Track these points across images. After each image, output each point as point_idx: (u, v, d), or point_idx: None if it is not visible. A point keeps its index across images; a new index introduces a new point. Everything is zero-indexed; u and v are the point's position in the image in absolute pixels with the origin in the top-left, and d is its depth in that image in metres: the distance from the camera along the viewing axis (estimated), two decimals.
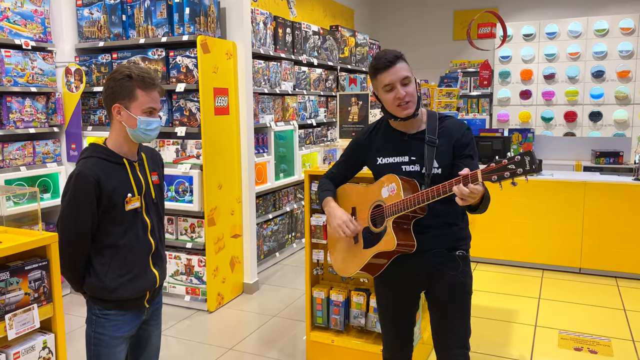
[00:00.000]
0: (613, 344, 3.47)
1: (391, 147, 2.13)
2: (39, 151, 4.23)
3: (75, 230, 1.87)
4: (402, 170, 2.08)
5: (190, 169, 4.06)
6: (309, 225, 3.25)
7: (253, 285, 4.54)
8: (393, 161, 2.11)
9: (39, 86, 4.17)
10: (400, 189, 1.97)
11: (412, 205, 1.93)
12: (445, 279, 2.10)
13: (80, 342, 3.50)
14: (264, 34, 5.01)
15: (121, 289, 1.93)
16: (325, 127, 6.38)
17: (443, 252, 2.08)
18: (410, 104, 2.01)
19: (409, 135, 2.11)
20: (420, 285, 2.20)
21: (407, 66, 2.03)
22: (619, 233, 4.69)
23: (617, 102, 7.62)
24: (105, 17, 4.30)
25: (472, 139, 2.09)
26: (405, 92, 1.99)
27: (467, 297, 2.16)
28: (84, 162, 1.90)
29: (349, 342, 3.17)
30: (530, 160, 1.66)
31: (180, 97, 4.09)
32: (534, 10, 8.52)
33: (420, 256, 2.07)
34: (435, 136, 2.06)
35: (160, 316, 2.20)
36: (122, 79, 1.89)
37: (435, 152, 2.04)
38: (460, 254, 2.09)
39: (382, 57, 2.01)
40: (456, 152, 2.06)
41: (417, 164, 2.06)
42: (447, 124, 2.10)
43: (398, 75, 1.98)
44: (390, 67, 1.98)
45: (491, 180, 1.73)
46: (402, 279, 2.17)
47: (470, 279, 2.16)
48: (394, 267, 2.12)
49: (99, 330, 1.95)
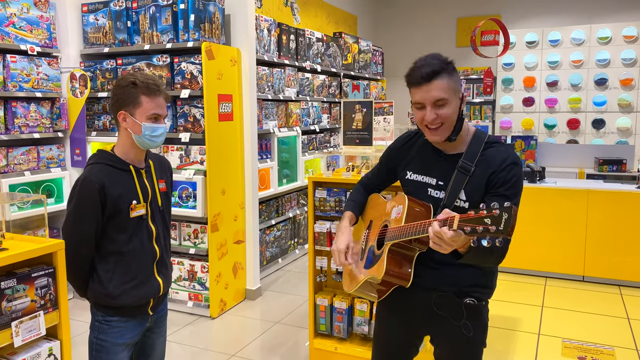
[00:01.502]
0: (617, 353, 3.46)
1: (423, 163, 1.86)
2: (43, 156, 4.25)
3: (79, 235, 1.87)
4: (427, 193, 1.81)
5: (194, 174, 4.07)
6: (312, 232, 3.25)
7: (256, 292, 4.53)
8: (421, 180, 1.84)
9: (44, 91, 4.19)
10: (404, 214, 1.72)
11: (403, 236, 1.68)
12: (447, 327, 1.82)
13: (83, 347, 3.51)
14: (268, 40, 5.03)
15: (124, 295, 1.93)
16: (328, 133, 6.39)
17: (449, 295, 1.78)
18: (440, 130, 1.72)
19: (444, 155, 1.81)
20: (420, 327, 1.93)
21: (447, 84, 1.69)
22: (622, 241, 4.68)
23: (620, 109, 7.62)
24: (110, 23, 4.33)
25: (516, 177, 1.71)
26: (437, 114, 1.69)
27: (473, 353, 1.87)
28: (90, 168, 1.91)
29: (353, 350, 3.17)
30: (506, 219, 1.36)
31: (185, 103, 4.10)
32: (537, 17, 8.54)
33: (424, 294, 1.81)
34: (473, 164, 1.73)
35: (165, 324, 2.20)
36: (126, 86, 1.91)
37: (467, 181, 1.73)
38: (470, 302, 1.77)
39: (419, 68, 1.71)
40: (489, 188, 1.71)
41: (443, 190, 1.78)
42: (490, 152, 1.75)
43: (430, 95, 1.68)
44: (422, 84, 1.70)
45: (464, 231, 1.44)
46: (403, 314, 1.92)
47: (480, 334, 1.85)
48: (397, 298, 1.87)
49: (101, 337, 1.95)
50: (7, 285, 1.65)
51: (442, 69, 1.69)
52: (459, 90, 1.75)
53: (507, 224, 1.36)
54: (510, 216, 1.35)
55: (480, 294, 1.82)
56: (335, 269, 3.22)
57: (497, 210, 1.38)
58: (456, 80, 1.74)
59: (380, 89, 7.69)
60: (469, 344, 1.84)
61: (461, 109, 1.76)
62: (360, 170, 3.17)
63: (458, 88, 1.75)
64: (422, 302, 1.84)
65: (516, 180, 1.71)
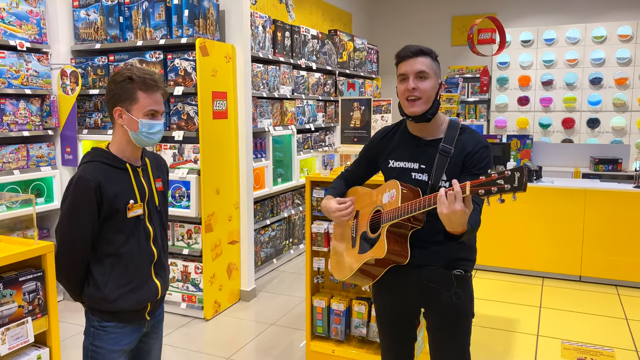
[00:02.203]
0: (616, 354, 3.43)
1: (404, 151, 2.03)
2: (33, 154, 4.15)
3: (75, 237, 1.79)
4: (411, 177, 1.98)
5: (188, 173, 3.99)
6: (309, 232, 3.19)
7: (250, 293, 4.46)
8: (404, 166, 2.02)
9: (34, 88, 4.09)
10: (398, 196, 1.88)
11: (404, 214, 1.83)
12: (438, 299, 1.99)
13: (73, 351, 3.43)
14: (263, 37, 4.96)
15: (121, 300, 1.85)
16: (324, 132, 6.32)
17: (439, 268, 1.96)
18: (419, 102, 1.90)
19: (424, 142, 2.00)
20: (416, 301, 2.09)
21: (430, 63, 1.92)
22: (619, 241, 4.66)
23: (614, 109, 7.62)
24: (102, 18, 4.23)
25: (488, 158, 1.93)
26: (417, 86, 1.89)
27: (463, 322, 2.03)
28: (85, 167, 1.83)
29: (350, 353, 3.11)
30: (519, 177, 1.52)
31: (178, 101, 4.02)
32: (532, 16, 8.52)
33: (416, 271, 1.97)
34: (452, 146, 1.93)
35: (161, 328, 2.12)
36: (122, 81, 1.82)
37: (448, 163, 1.92)
38: (458, 273, 1.96)
39: (408, 47, 1.95)
40: (465, 168, 1.92)
41: (426, 173, 1.96)
42: (465, 137, 1.96)
43: (414, 67, 1.90)
44: (409, 57, 1.92)
45: (478, 194, 1.59)
46: (398, 293, 2.08)
47: (469, 302, 2.02)
48: (391, 279, 2.04)
49: (96, 343, 1.86)
50: None
51: (428, 53, 1.95)
52: (438, 75, 1.97)
53: (521, 180, 1.52)
54: (523, 174, 1.51)
55: (465, 266, 2.01)
56: None
57: (508, 172, 1.54)
58: (438, 67, 1.97)
59: (376, 88, 7.63)
60: (459, 313, 2.01)
61: (439, 92, 1.95)
62: None
63: (438, 73, 1.97)
64: (414, 279, 1.99)
65: (488, 161, 1.92)
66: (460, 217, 1.66)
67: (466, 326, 2.04)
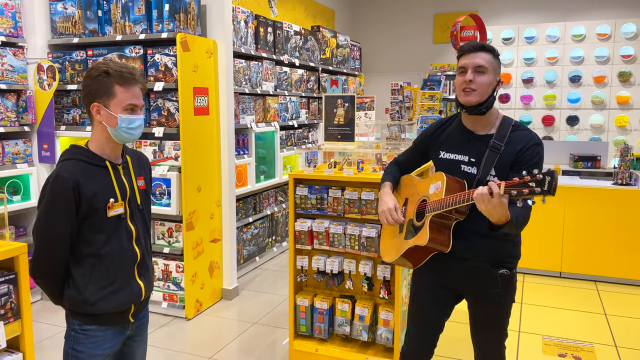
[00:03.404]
0: (596, 349, 3.47)
1: (456, 143, 2.09)
2: (8, 151, 4.04)
3: (52, 238, 1.73)
4: (461, 170, 2.04)
5: (168, 171, 3.92)
6: (292, 230, 3.15)
7: (232, 291, 4.42)
8: (454, 158, 2.07)
9: (9, 83, 3.98)
10: (443, 188, 1.95)
11: (446, 206, 1.90)
12: (481, 293, 2.07)
13: (51, 353, 3.35)
14: (245, 32, 4.90)
15: (102, 302, 1.79)
16: (307, 129, 6.29)
17: (486, 266, 2.01)
18: (474, 93, 1.95)
19: (475, 136, 2.05)
20: (455, 292, 2.17)
21: (490, 59, 1.97)
22: (598, 237, 4.72)
23: (593, 106, 7.72)
24: (80, 12, 4.13)
25: (539, 155, 1.98)
26: (474, 79, 1.95)
27: (503, 314, 2.11)
28: (62, 165, 1.76)
29: (334, 351, 3.09)
30: (550, 181, 1.60)
31: (159, 97, 3.95)
32: (513, 14, 8.58)
33: (460, 263, 2.04)
34: (503, 143, 1.98)
35: (146, 331, 2.05)
36: (99, 75, 1.76)
37: (497, 159, 1.97)
38: (505, 273, 2.01)
39: (470, 43, 2.02)
40: (515, 164, 1.96)
41: (475, 167, 2.01)
42: (518, 134, 2.01)
43: (474, 61, 1.96)
44: (471, 52, 1.98)
45: (510, 194, 1.67)
46: (440, 280, 2.15)
47: (512, 295, 2.09)
48: (434, 266, 2.10)
49: (77, 347, 1.80)
50: None
51: (490, 50, 2.00)
52: (498, 73, 2.01)
53: (551, 184, 1.59)
54: (553, 178, 1.59)
55: (511, 264, 2.06)
56: (316, 268, 3.13)
57: (540, 175, 1.61)
58: (498, 64, 2.02)
59: (358, 85, 7.62)
60: (501, 307, 2.08)
61: (496, 89, 2.00)
62: (342, 166, 3.08)
63: (498, 71, 2.01)
64: (457, 270, 2.06)
65: (539, 158, 1.97)
66: (498, 209, 1.73)
67: (506, 317, 2.13)
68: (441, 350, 3.41)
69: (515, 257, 2.10)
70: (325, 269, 3.12)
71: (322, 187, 3.08)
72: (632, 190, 4.64)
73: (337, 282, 3.12)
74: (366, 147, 3.36)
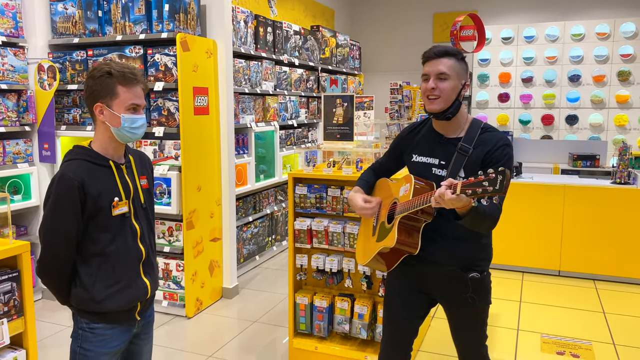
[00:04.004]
0: (594, 347, 3.49)
1: (427, 146, 2.12)
2: (9, 151, 4.06)
3: (59, 237, 1.74)
4: (432, 172, 2.06)
5: (169, 170, 3.94)
6: (292, 229, 3.17)
7: (233, 290, 4.44)
8: (425, 161, 2.10)
9: (10, 83, 3.99)
10: (411, 190, 1.97)
11: (412, 207, 1.92)
12: (453, 300, 2.08)
13: (53, 351, 3.37)
14: (245, 32, 4.91)
15: (109, 300, 1.80)
16: (306, 128, 6.30)
17: (455, 270, 2.02)
18: (438, 101, 1.97)
19: (445, 139, 2.07)
20: (428, 296, 2.17)
21: (452, 64, 1.98)
22: (597, 236, 4.74)
23: (592, 106, 7.73)
24: (80, 12, 4.15)
25: (508, 156, 1.98)
26: (436, 86, 1.96)
27: (478, 314, 2.11)
28: (67, 165, 1.78)
29: (333, 349, 3.11)
30: (501, 180, 1.60)
31: (159, 96, 3.97)
32: (512, 13, 8.60)
33: (430, 267, 2.05)
34: (471, 146, 2.00)
35: (151, 329, 2.07)
36: (101, 76, 1.78)
37: (465, 161, 1.98)
38: (475, 276, 2.01)
39: (435, 47, 2.02)
40: (484, 166, 1.96)
41: (445, 169, 2.03)
42: (486, 135, 2.02)
43: (435, 68, 1.97)
44: (432, 58, 2.00)
45: (466, 194, 1.67)
46: (412, 284, 2.16)
47: (485, 295, 2.09)
48: (406, 269, 2.11)
49: (84, 346, 1.81)
50: None
51: (453, 54, 2.00)
52: (462, 76, 2.01)
53: (502, 183, 1.59)
54: (505, 177, 1.59)
55: (482, 267, 2.06)
56: (315, 266, 3.15)
57: (492, 174, 1.61)
58: (463, 68, 2.01)
59: (358, 84, 7.63)
60: (475, 308, 2.08)
61: (461, 93, 2.01)
62: (341, 165, 3.10)
63: (462, 74, 2.01)
64: (429, 274, 2.08)
65: (507, 159, 1.98)
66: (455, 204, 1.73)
67: (483, 317, 2.13)
68: (435, 347, 3.44)
69: (486, 259, 2.10)
70: (324, 268, 3.13)
71: (322, 187, 3.10)
72: (630, 189, 4.65)
73: (337, 281, 3.14)
74: (365, 147, 3.38)
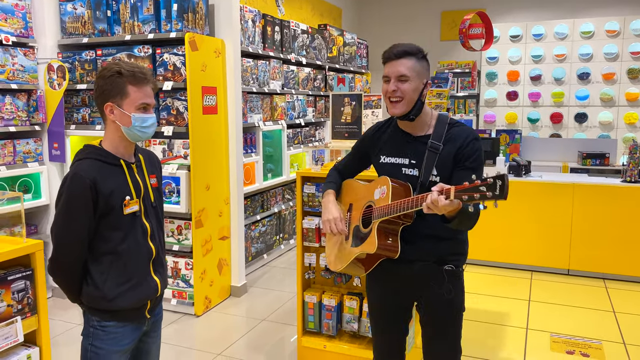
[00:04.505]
0: (604, 347, 3.47)
1: (395, 146, 2.06)
2: (19, 150, 4.09)
3: (71, 236, 1.76)
4: (402, 173, 2.01)
5: (177, 169, 3.96)
6: (300, 228, 3.18)
7: (241, 288, 4.45)
8: (395, 162, 2.04)
9: (20, 83, 4.03)
10: (389, 193, 1.91)
11: (394, 212, 1.87)
12: (430, 293, 2.04)
13: (63, 349, 3.40)
14: (253, 32, 4.92)
15: (120, 298, 1.82)
16: (314, 127, 6.31)
17: (430, 264, 2.00)
18: (399, 104, 1.93)
19: (413, 137, 2.03)
20: (408, 294, 2.14)
21: (413, 65, 1.92)
22: (607, 235, 4.71)
23: (602, 104, 7.68)
24: (89, 12, 4.18)
25: (478, 150, 1.96)
26: (397, 87, 1.92)
27: (454, 316, 2.08)
28: (78, 164, 1.80)
29: (342, 348, 3.12)
30: (501, 186, 1.56)
31: (167, 96, 3.98)
32: (521, 11, 8.55)
33: (407, 265, 2.01)
34: (441, 142, 1.96)
35: (160, 327, 2.09)
36: (111, 76, 1.79)
37: (437, 159, 1.95)
38: (449, 268, 2.00)
39: (394, 47, 1.96)
40: (456, 162, 1.95)
41: (416, 169, 1.99)
42: (454, 131, 1.98)
43: (395, 69, 1.93)
44: (391, 59, 1.95)
45: (462, 199, 1.64)
46: (390, 285, 2.13)
47: (460, 297, 2.06)
48: (383, 272, 2.09)
49: (96, 344, 1.83)
50: None
51: (413, 53, 1.94)
52: (424, 76, 1.96)
53: (502, 189, 1.56)
54: (504, 182, 1.55)
55: (457, 261, 2.04)
56: (324, 265, 3.16)
57: (490, 179, 1.58)
58: (424, 67, 1.97)
59: (365, 83, 7.62)
60: (451, 307, 2.05)
61: (423, 93, 1.96)
62: None
63: (424, 74, 1.96)
64: (405, 272, 2.04)
65: (479, 153, 1.96)
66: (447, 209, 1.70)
67: (457, 321, 2.09)
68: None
69: (461, 254, 2.07)
70: None
71: None
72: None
73: (345, 279, 3.15)
74: None
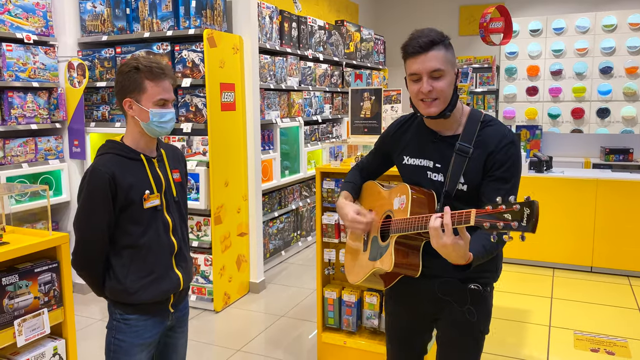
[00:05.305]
0: (630, 344, 3.40)
1: (419, 146, 1.82)
2: (41, 148, 4.14)
3: (92, 229, 1.77)
4: (427, 177, 1.78)
5: (197, 166, 3.97)
6: (320, 224, 3.17)
7: (260, 285, 4.46)
8: (419, 164, 1.80)
9: (41, 81, 4.07)
10: (408, 205, 1.67)
11: (411, 229, 1.62)
12: (451, 313, 1.80)
13: (86, 343, 3.44)
14: (270, 28, 4.92)
15: (142, 291, 1.82)
16: (331, 124, 6.29)
17: (454, 280, 1.75)
18: (436, 103, 1.67)
19: (440, 137, 1.77)
20: (428, 312, 1.90)
21: (443, 55, 1.65)
22: (631, 231, 4.62)
23: (625, 98, 7.53)
24: (108, 10, 4.21)
25: (514, 157, 1.68)
26: (433, 87, 1.65)
27: (474, 340, 1.84)
28: (98, 159, 1.81)
29: (362, 344, 3.10)
30: (529, 215, 1.30)
31: (186, 93, 4.00)
32: (541, 5, 8.43)
33: (429, 280, 1.77)
34: (471, 144, 1.69)
35: (186, 323, 2.09)
36: (129, 71, 1.80)
37: (466, 164, 1.69)
38: (474, 287, 1.75)
39: (416, 38, 1.66)
40: (487, 170, 1.68)
41: (442, 174, 1.74)
42: (487, 131, 1.71)
43: (427, 65, 1.64)
44: (420, 53, 1.65)
45: (483, 227, 1.37)
46: (410, 301, 1.92)
47: (483, 320, 1.82)
48: (403, 287, 1.88)
49: (118, 337, 1.84)
50: (8, 281, 1.56)
51: (440, 40, 1.66)
52: (454, 63, 1.71)
53: (530, 219, 1.30)
54: (533, 211, 1.29)
55: (486, 279, 1.80)
56: (343, 261, 3.14)
57: (517, 206, 1.32)
58: (452, 54, 1.71)
59: (383, 79, 7.58)
60: (472, 329, 1.81)
61: (456, 84, 1.72)
62: None
63: (454, 61, 1.71)
64: (427, 288, 1.81)
65: (514, 161, 1.67)
66: (453, 251, 1.46)
67: (477, 344, 1.86)
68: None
69: (490, 271, 1.82)
70: None
71: None
72: None
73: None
74: None
